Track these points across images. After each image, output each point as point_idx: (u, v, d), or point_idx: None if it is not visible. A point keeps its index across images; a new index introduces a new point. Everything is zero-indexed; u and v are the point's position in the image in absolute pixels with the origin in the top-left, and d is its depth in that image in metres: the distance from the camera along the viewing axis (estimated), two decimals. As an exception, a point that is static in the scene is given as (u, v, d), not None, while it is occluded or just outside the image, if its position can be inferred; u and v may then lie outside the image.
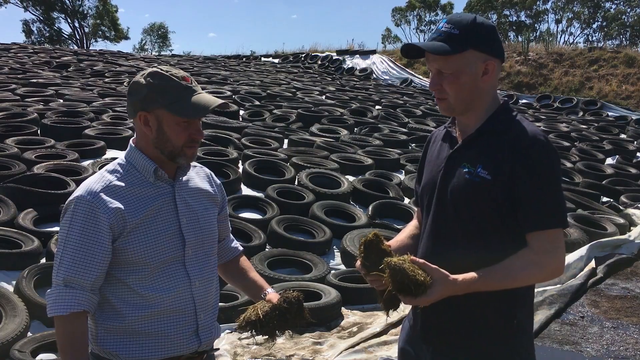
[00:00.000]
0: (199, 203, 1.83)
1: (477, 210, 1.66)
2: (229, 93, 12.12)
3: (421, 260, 1.59)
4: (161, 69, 1.73)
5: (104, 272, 1.69)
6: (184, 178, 1.83)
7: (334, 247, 5.58)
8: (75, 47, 34.19)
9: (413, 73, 20.63)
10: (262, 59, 25.68)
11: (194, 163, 1.92)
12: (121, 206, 1.67)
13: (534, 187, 1.60)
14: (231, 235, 2.08)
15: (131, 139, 1.83)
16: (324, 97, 13.76)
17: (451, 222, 1.70)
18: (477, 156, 1.67)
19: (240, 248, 2.08)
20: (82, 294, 1.64)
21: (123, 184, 1.71)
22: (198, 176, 1.89)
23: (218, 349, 2.06)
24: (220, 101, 1.75)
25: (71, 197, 1.70)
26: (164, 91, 1.68)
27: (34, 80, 11.80)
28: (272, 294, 1.89)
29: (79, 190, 1.70)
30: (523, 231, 1.63)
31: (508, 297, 1.68)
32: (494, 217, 1.65)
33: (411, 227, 1.97)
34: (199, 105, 1.70)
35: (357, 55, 23.22)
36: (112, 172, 1.75)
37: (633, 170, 9.58)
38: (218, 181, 1.98)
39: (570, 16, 30.84)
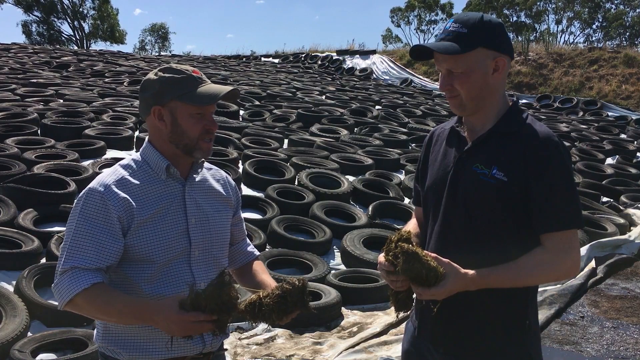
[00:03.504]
0: (210, 205, 1.83)
1: (490, 211, 1.65)
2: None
3: (433, 254, 1.60)
4: (171, 65, 1.78)
5: (114, 262, 1.68)
6: (198, 178, 1.83)
7: (334, 247, 5.58)
8: (75, 48, 34.19)
9: (413, 73, 20.65)
10: (262, 59, 25.70)
11: (210, 165, 1.93)
12: (130, 200, 1.68)
13: (548, 188, 1.60)
14: (247, 239, 2.06)
15: (147, 136, 1.84)
16: (324, 97, 13.77)
17: (462, 222, 1.70)
18: (491, 157, 1.67)
19: (257, 253, 2.06)
20: (95, 272, 1.64)
21: (134, 180, 1.73)
22: (213, 178, 1.90)
23: (227, 349, 2.05)
24: (230, 87, 1.77)
25: (84, 190, 1.72)
26: (176, 83, 1.72)
27: (34, 80, 11.81)
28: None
29: (92, 183, 1.72)
30: (537, 232, 1.63)
31: (520, 298, 1.69)
32: (506, 218, 1.64)
33: (412, 225, 1.96)
34: (210, 92, 1.73)
35: (357, 55, 23.26)
36: (125, 167, 1.76)
37: (633, 170, 9.58)
38: (233, 183, 1.98)
39: (570, 15, 30.84)
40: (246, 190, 6.49)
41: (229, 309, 1.56)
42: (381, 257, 1.67)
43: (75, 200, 1.73)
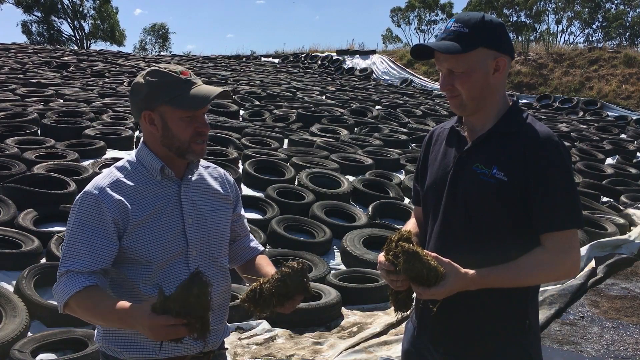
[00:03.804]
0: (207, 204, 1.82)
1: (491, 211, 1.65)
2: (229, 93, 12.11)
3: (434, 254, 1.59)
4: (159, 67, 1.75)
5: (109, 265, 1.69)
6: (194, 178, 1.82)
7: (334, 247, 5.57)
8: (75, 48, 34.19)
9: (413, 73, 20.65)
10: (262, 59, 25.69)
11: (207, 163, 1.92)
12: (125, 202, 1.68)
13: (548, 188, 1.60)
14: (251, 235, 2.04)
15: (142, 137, 1.83)
16: (324, 97, 13.76)
17: (462, 222, 1.70)
18: (491, 157, 1.67)
19: (261, 248, 2.04)
20: (90, 275, 1.65)
21: (130, 181, 1.72)
22: (210, 176, 1.89)
23: (227, 348, 2.04)
24: (220, 89, 1.74)
25: (80, 193, 1.73)
26: (164, 87, 1.70)
27: (34, 80, 11.80)
28: None
29: (87, 186, 1.72)
30: (537, 232, 1.63)
31: (520, 298, 1.69)
32: (506, 218, 1.65)
33: (411, 225, 1.96)
34: (199, 96, 1.70)
35: (357, 55, 23.25)
36: (120, 168, 1.76)
37: (633, 170, 9.58)
38: (232, 179, 1.97)
39: (570, 15, 30.84)
40: (246, 190, 6.49)
41: (198, 312, 1.48)
42: (381, 257, 1.66)
43: (73, 203, 1.74)
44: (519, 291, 1.67)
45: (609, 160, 10.20)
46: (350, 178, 7.13)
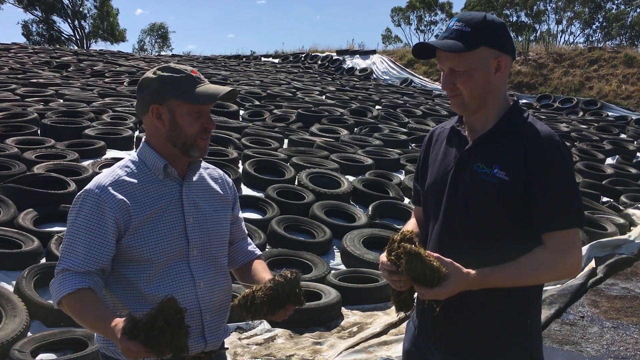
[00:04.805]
0: (208, 204, 1.83)
1: (491, 210, 1.65)
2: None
3: (436, 254, 1.59)
4: (170, 64, 1.79)
5: (106, 266, 1.69)
6: (195, 178, 1.84)
7: (334, 247, 5.57)
8: (75, 47, 34.18)
9: (413, 73, 20.65)
10: (262, 59, 25.69)
11: (206, 164, 1.93)
12: (127, 201, 1.69)
13: (550, 187, 1.60)
14: (249, 238, 2.05)
15: (144, 137, 1.84)
16: (324, 97, 13.76)
17: (462, 222, 1.70)
18: (492, 157, 1.67)
19: (258, 252, 2.03)
20: (85, 276, 1.66)
21: (132, 180, 1.73)
22: (210, 177, 1.90)
23: (227, 348, 2.04)
24: (229, 88, 1.78)
25: (81, 191, 1.73)
26: (175, 82, 1.72)
27: (34, 80, 11.80)
28: None
29: (89, 184, 1.73)
30: (538, 231, 1.63)
31: (521, 297, 1.69)
32: (507, 218, 1.65)
33: (412, 225, 1.96)
34: (208, 92, 1.73)
35: (357, 55, 23.24)
36: (123, 167, 1.77)
37: (633, 170, 9.57)
38: (230, 181, 1.98)
39: (570, 15, 30.85)
40: (246, 190, 6.49)
41: (161, 344, 1.43)
42: (383, 257, 1.66)
43: (73, 200, 1.74)
44: (520, 291, 1.67)
45: (609, 160, 10.20)
46: (350, 178, 7.13)
